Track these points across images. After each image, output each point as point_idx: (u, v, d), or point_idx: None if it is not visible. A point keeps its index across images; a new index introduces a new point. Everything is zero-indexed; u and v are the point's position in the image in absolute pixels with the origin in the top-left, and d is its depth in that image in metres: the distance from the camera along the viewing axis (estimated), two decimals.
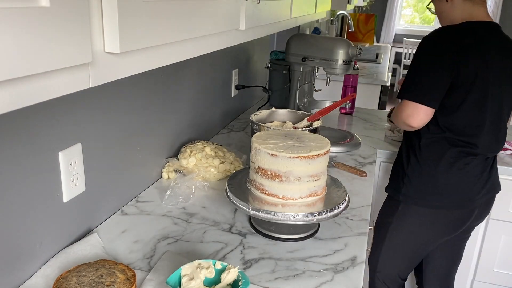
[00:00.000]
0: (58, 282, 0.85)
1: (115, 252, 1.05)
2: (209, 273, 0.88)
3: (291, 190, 1.08)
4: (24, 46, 0.44)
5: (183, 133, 1.58)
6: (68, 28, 0.49)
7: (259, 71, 2.42)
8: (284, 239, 1.13)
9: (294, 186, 1.07)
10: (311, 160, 1.06)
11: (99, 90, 1.06)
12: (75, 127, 1.01)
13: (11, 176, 0.85)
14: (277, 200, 1.09)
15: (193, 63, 1.57)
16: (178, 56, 0.78)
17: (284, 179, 1.07)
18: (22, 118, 0.86)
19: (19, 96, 0.46)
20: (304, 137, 1.16)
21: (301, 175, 1.07)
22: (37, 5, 0.45)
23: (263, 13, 1.16)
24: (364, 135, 1.97)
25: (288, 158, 1.05)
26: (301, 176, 1.07)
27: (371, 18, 4.67)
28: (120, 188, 1.24)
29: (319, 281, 0.99)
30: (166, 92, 1.41)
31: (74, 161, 1.01)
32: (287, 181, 1.07)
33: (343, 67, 1.78)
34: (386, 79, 3.11)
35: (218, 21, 0.89)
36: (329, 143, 1.13)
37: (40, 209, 0.94)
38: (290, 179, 1.07)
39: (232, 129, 1.99)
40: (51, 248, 0.99)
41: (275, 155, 1.06)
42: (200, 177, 1.40)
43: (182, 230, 1.15)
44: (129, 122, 1.23)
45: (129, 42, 0.60)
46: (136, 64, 0.66)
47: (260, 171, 1.09)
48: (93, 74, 0.56)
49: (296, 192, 1.08)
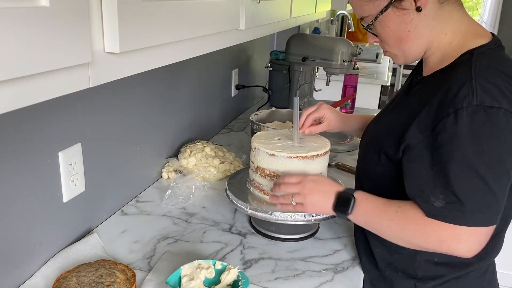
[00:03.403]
0: (58, 282, 0.85)
1: (115, 252, 1.05)
2: (209, 273, 0.88)
3: None
4: (24, 46, 0.44)
5: (183, 133, 1.58)
6: (68, 28, 0.49)
7: (259, 71, 2.41)
8: (284, 239, 1.13)
9: None
10: (309, 161, 1.05)
11: (99, 90, 1.06)
12: (75, 127, 1.01)
13: (11, 176, 0.85)
14: None
15: (193, 63, 1.57)
16: (178, 56, 0.78)
17: None
18: (22, 118, 0.86)
19: (19, 96, 0.46)
20: (304, 138, 1.16)
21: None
22: (37, 5, 0.45)
23: (263, 13, 1.16)
24: None
25: (287, 158, 1.05)
26: None
27: None
28: (120, 188, 1.24)
29: (319, 281, 0.98)
30: (166, 92, 1.41)
31: (74, 161, 1.01)
32: None
33: (343, 67, 1.78)
34: (386, 79, 3.11)
35: (218, 21, 0.89)
36: (329, 144, 1.13)
37: (40, 209, 0.94)
38: None
39: (232, 129, 1.99)
40: (51, 248, 0.99)
41: (273, 155, 1.06)
42: (200, 177, 1.40)
43: (182, 230, 1.15)
44: (129, 122, 1.23)
45: (129, 42, 0.60)
46: (136, 64, 0.66)
47: (259, 170, 1.09)
48: (93, 74, 0.56)
49: None
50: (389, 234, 0.89)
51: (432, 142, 0.81)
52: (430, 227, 0.82)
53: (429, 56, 0.92)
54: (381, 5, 0.87)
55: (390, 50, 0.94)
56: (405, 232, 0.86)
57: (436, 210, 0.80)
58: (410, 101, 0.93)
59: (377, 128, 1.02)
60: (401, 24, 0.88)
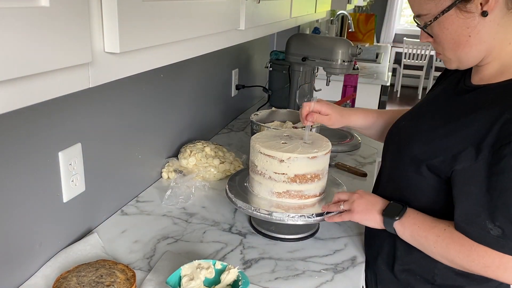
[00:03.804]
0: (58, 282, 0.85)
1: (115, 252, 1.05)
2: (209, 273, 0.88)
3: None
4: (24, 46, 0.44)
5: (183, 133, 1.58)
6: (68, 28, 0.49)
7: (259, 71, 2.41)
8: (284, 239, 1.13)
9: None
10: (310, 161, 1.05)
11: (99, 90, 1.06)
12: (75, 127, 1.01)
13: (11, 176, 0.85)
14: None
15: (193, 63, 1.57)
16: (178, 56, 0.78)
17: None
18: (22, 118, 0.86)
19: (19, 96, 0.46)
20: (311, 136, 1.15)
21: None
22: (37, 5, 0.45)
23: (263, 13, 1.16)
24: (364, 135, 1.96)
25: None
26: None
27: (371, 18, 4.67)
28: (120, 188, 1.24)
29: (319, 281, 0.98)
30: (166, 92, 1.41)
31: (74, 161, 1.01)
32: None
33: (343, 67, 1.78)
34: (386, 79, 3.11)
35: (218, 21, 0.89)
36: (329, 145, 1.12)
37: (40, 209, 0.94)
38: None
39: (232, 129, 1.99)
40: (51, 248, 0.99)
41: (282, 160, 1.05)
42: (200, 177, 1.40)
43: (182, 230, 1.15)
44: (129, 122, 1.23)
45: (129, 42, 0.60)
46: (136, 64, 0.66)
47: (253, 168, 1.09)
48: (93, 74, 0.56)
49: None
50: (433, 251, 0.87)
51: (492, 165, 0.77)
52: (476, 251, 0.80)
53: (485, 64, 0.86)
54: (443, 5, 0.81)
55: (444, 53, 0.87)
56: (450, 251, 0.84)
57: (492, 238, 0.77)
58: (462, 112, 0.86)
59: (417, 137, 0.93)
60: (462, 28, 0.81)
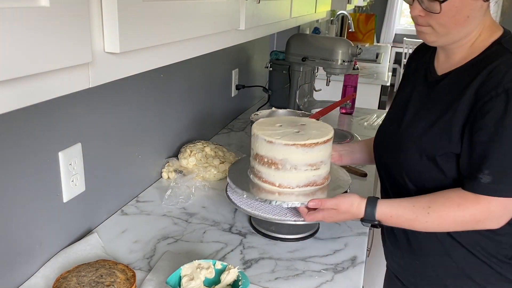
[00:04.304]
0: (58, 282, 0.85)
1: (115, 252, 1.05)
2: (209, 273, 0.88)
3: (288, 178, 1.06)
4: (24, 46, 0.44)
5: (183, 133, 1.58)
6: (68, 28, 0.49)
7: (259, 71, 2.41)
8: (284, 239, 1.13)
9: (291, 175, 1.05)
10: (308, 149, 1.04)
11: (99, 90, 1.06)
12: (75, 127, 1.01)
13: (11, 176, 0.85)
14: (274, 188, 1.07)
15: (193, 63, 1.57)
16: (178, 56, 0.78)
17: (280, 166, 1.05)
18: (22, 118, 0.86)
19: (19, 96, 0.46)
20: (308, 125, 1.14)
21: (297, 164, 1.04)
22: (37, 5, 0.45)
23: (263, 13, 1.16)
24: (364, 135, 1.96)
25: (284, 145, 1.03)
26: (297, 165, 1.04)
27: (371, 18, 4.67)
28: (120, 188, 1.24)
29: (319, 281, 0.98)
30: (166, 92, 1.41)
31: (74, 161, 1.01)
32: (283, 169, 1.05)
33: (343, 67, 1.78)
34: (386, 79, 3.11)
35: (218, 21, 0.89)
36: (331, 132, 1.10)
37: (40, 209, 0.94)
38: (286, 167, 1.05)
39: (232, 129, 1.99)
40: (51, 248, 0.99)
41: (271, 142, 1.04)
42: (200, 177, 1.40)
43: (182, 230, 1.15)
44: (129, 122, 1.23)
45: (129, 42, 0.60)
46: (136, 64, 0.66)
47: (257, 157, 1.08)
48: (93, 74, 0.56)
49: (293, 180, 1.06)
50: (430, 230, 0.96)
51: (475, 123, 0.86)
52: (469, 200, 0.88)
53: (459, 46, 0.93)
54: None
55: (435, 27, 0.89)
56: (446, 222, 0.91)
57: (484, 186, 0.86)
58: (442, 97, 0.94)
59: (409, 132, 0.99)
60: (467, 8, 0.86)
